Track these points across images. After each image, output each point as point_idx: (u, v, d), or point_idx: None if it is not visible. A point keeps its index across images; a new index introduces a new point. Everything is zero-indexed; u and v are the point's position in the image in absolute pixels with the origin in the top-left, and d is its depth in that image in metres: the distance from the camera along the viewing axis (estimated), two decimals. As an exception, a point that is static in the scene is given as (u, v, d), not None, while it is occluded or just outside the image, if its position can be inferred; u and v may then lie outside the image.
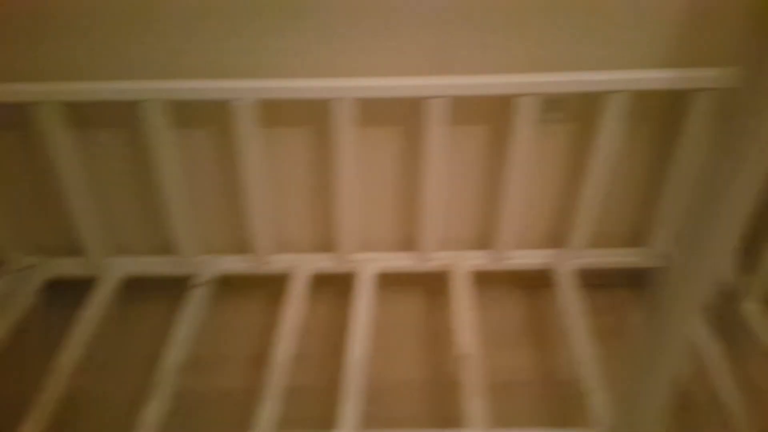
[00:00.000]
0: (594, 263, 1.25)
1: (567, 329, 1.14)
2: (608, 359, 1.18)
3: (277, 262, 1.24)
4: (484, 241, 1.26)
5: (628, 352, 0.50)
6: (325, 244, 1.26)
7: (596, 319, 1.26)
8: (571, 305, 1.17)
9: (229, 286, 1.27)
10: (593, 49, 1.03)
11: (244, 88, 1.02)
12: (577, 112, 1.11)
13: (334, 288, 1.30)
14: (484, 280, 1.30)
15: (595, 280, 1.31)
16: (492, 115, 1.11)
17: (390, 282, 1.30)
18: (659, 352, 0.49)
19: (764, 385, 1.12)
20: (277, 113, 1.09)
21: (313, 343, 1.21)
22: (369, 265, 1.24)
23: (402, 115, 1.10)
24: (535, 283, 1.31)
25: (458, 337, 1.11)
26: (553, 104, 1.09)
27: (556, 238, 1.26)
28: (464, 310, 1.16)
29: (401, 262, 1.25)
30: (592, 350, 1.09)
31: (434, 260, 1.25)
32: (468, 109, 1.10)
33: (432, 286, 1.32)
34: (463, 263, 1.24)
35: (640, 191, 1.21)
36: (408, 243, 1.27)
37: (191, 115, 1.09)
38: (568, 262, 1.24)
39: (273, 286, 1.24)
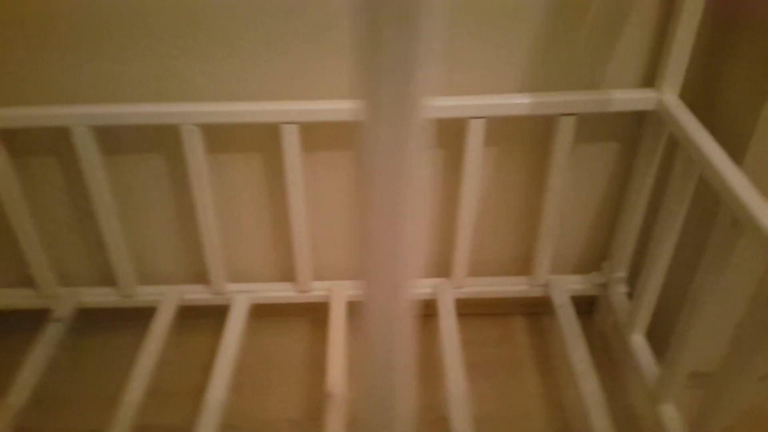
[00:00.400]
0: (477, 292, 1.19)
1: (444, 363, 1.08)
2: (484, 396, 1.13)
3: (142, 294, 1.17)
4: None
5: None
6: (199, 275, 1.19)
7: (481, 350, 1.21)
8: (451, 337, 1.11)
9: (94, 320, 1.20)
10: (457, 74, 0.99)
11: (80, 114, 0.96)
12: (444, 138, 1.06)
13: (212, 321, 1.23)
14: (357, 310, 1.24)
15: (488, 309, 1.26)
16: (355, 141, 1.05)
17: (272, 313, 1.24)
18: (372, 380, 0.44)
19: (643, 422, 1.07)
20: (123, 140, 1.03)
21: (176, 380, 1.14)
22: (242, 296, 1.18)
23: (259, 141, 1.04)
24: (422, 312, 1.25)
25: (330, 374, 1.05)
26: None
27: (440, 267, 1.21)
28: (339, 344, 1.10)
29: (277, 292, 1.19)
30: (466, 386, 1.03)
31: (313, 290, 1.19)
32: (329, 135, 1.04)
33: (316, 317, 1.26)
34: (342, 293, 1.18)
35: (522, 218, 1.16)
36: (287, 273, 1.21)
37: (32, 143, 1.03)
38: (450, 292, 1.18)
39: (140, 319, 1.17)
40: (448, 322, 1.13)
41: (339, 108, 0.97)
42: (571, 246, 1.19)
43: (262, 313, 1.21)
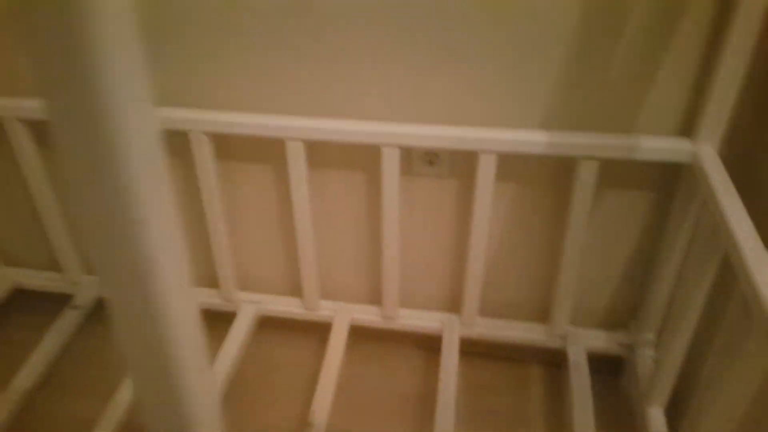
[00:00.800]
0: (487, 334, 1.12)
1: (437, 404, 1.02)
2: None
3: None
4: (376, 296, 1.17)
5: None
6: (212, 279, 1.20)
7: (488, 396, 1.13)
8: (449, 377, 1.04)
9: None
10: (478, 104, 0.92)
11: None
12: (458, 170, 1.00)
13: (222, 325, 1.24)
14: (377, 336, 1.20)
15: (503, 353, 1.18)
16: (366, 163, 1.02)
17: (283, 326, 1.22)
18: None
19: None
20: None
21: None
22: (250, 306, 1.18)
23: (268, 154, 1.03)
24: (432, 346, 1.20)
25: (316, 402, 1.02)
26: (430, 158, 0.99)
27: (450, 301, 1.15)
28: (333, 370, 1.07)
29: (285, 307, 1.18)
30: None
31: (320, 309, 1.17)
32: (340, 154, 1.01)
33: (325, 336, 1.23)
34: (346, 316, 1.15)
35: (541, 261, 1.07)
36: (297, 289, 1.19)
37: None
38: (457, 329, 1.12)
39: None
40: (450, 361, 1.07)
41: (349, 129, 0.93)
42: (597, 298, 1.09)
43: (273, 324, 1.20)
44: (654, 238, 1.00)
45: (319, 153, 1.01)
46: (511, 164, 0.97)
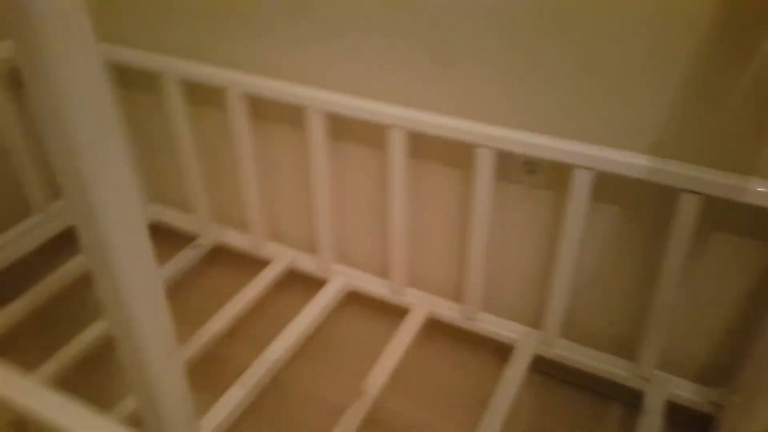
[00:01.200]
0: (565, 358, 1.07)
1: (487, 411, 1.00)
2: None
3: (267, 249, 1.30)
4: (461, 294, 1.17)
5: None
6: (312, 245, 1.28)
7: (554, 423, 1.09)
8: (509, 389, 1.02)
9: (226, 255, 1.37)
10: (574, 118, 0.89)
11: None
12: (556, 182, 0.96)
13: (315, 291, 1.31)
14: (460, 336, 1.20)
15: (581, 381, 1.13)
16: (464, 162, 1.02)
17: (362, 302, 1.26)
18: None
19: None
20: (268, 111, 1.16)
21: (257, 328, 1.23)
22: (340, 278, 1.24)
23: (376, 141, 1.08)
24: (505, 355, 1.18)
25: (373, 373, 1.06)
26: (531, 166, 0.97)
27: (532, 316, 1.12)
28: (397, 350, 1.10)
29: (372, 286, 1.22)
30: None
31: (405, 295, 1.20)
32: (445, 151, 1.03)
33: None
34: (425, 307, 1.17)
35: (635, 296, 1.00)
36: (387, 271, 1.23)
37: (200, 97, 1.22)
38: (533, 345, 1.09)
39: (257, 267, 1.29)
40: (514, 373, 1.04)
41: (447, 125, 0.95)
42: (694, 347, 0.99)
43: (358, 299, 1.25)
44: (765, 292, 0.89)
45: (423, 146, 1.03)
46: (613, 186, 0.92)
